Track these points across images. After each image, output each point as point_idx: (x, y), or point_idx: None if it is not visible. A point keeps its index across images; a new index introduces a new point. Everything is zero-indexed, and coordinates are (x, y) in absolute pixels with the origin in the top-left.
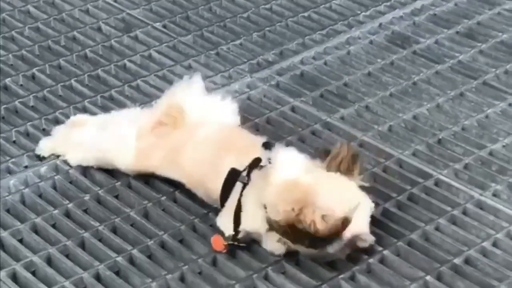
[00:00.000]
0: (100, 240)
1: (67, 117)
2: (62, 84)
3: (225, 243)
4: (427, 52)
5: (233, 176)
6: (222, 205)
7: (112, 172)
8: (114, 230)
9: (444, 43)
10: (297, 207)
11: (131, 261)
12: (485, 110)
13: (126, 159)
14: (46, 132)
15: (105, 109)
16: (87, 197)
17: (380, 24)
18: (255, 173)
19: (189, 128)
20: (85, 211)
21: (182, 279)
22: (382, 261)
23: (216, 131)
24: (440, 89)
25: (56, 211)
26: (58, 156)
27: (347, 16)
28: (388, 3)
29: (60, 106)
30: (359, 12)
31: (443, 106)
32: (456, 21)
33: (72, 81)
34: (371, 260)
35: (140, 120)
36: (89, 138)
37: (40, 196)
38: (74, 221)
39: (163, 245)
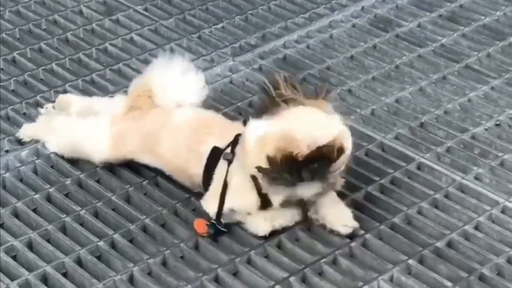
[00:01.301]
0: (81, 225)
1: (48, 101)
2: (43, 67)
3: (207, 223)
4: (410, 35)
5: (216, 155)
6: (206, 188)
7: None
8: (96, 215)
9: (426, 27)
10: (281, 151)
11: (113, 245)
12: (467, 94)
13: (102, 150)
14: (27, 116)
15: (87, 93)
16: (68, 181)
17: (363, 8)
18: (238, 149)
19: (161, 112)
20: (66, 195)
21: (164, 263)
22: (364, 244)
23: (190, 116)
24: (423, 72)
25: (37, 196)
26: (38, 141)
27: None
28: None
29: (41, 90)
30: None
31: (425, 89)
32: (438, 4)
33: (53, 64)
34: (353, 244)
35: (116, 107)
36: (67, 129)
37: (21, 180)
38: (55, 206)
39: (145, 230)
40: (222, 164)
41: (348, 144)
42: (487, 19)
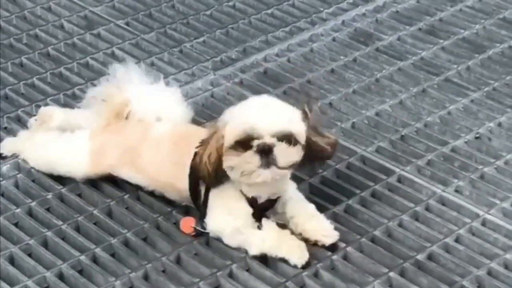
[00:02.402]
0: (63, 239)
1: (30, 115)
2: (24, 82)
3: (193, 225)
4: (390, 49)
5: (199, 160)
6: (195, 203)
7: None
8: (77, 229)
9: (406, 40)
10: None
11: (95, 259)
12: (447, 107)
13: (81, 166)
14: (8, 131)
15: (68, 107)
16: (50, 196)
17: (343, 21)
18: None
19: (141, 126)
20: (48, 209)
21: (146, 277)
22: (345, 257)
23: (170, 129)
24: (403, 85)
25: (18, 210)
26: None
27: (310, 13)
28: (351, 0)
29: (22, 104)
30: (322, 9)
31: (405, 102)
32: (418, 18)
33: (35, 79)
34: (334, 257)
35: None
36: (46, 146)
37: (2, 195)
38: (36, 220)
39: (126, 244)
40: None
41: (299, 136)
42: (467, 33)
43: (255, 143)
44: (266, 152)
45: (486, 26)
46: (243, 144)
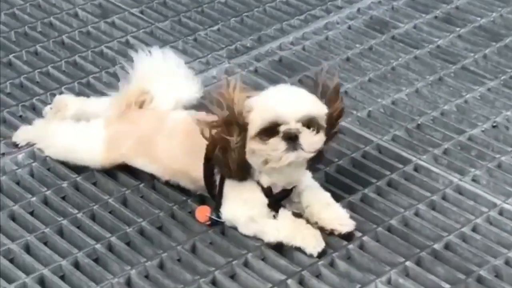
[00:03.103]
0: (78, 227)
1: (44, 103)
2: (39, 70)
3: (208, 214)
4: (406, 37)
5: (213, 149)
6: (210, 192)
7: None
8: (93, 217)
9: (422, 28)
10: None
11: (110, 248)
12: (464, 95)
13: (96, 155)
14: (23, 119)
15: (83, 95)
16: (65, 184)
17: (359, 9)
18: None
19: (155, 115)
20: (63, 198)
21: (161, 266)
22: (361, 247)
23: (185, 118)
24: (419, 74)
25: (34, 198)
26: (35, 143)
27: (325, 1)
28: None
29: (37, 92)
30: None
31: (422, 91)
32: (434, 5)
33: (49, 67)
34: (350, 246)
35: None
36: (61, 135)
37: (17, 183)
38: (52, 208)
39: (142, 232)
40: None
41: (322, 121)
42: (483, 20)
43: (282, 129)
44: (292, 138)
45: (503, 14)
46: (268, 131)
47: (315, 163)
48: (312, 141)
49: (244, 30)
